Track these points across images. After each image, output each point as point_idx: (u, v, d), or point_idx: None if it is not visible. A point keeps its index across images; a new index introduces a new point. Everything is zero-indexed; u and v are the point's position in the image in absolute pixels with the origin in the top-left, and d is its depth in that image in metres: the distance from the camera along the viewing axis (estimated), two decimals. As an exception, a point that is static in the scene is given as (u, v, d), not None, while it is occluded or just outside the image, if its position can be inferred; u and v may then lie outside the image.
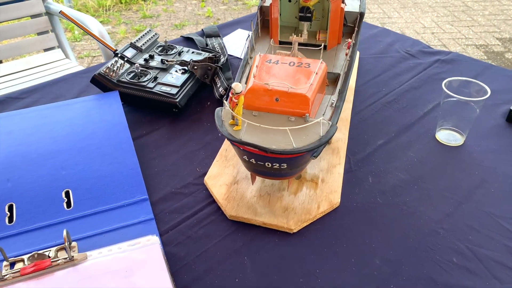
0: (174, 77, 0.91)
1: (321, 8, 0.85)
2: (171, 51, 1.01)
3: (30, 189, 0.70)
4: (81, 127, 0.82)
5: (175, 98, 0.87)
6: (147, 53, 0.98)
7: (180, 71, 0.93)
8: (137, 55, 0.97)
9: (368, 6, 3.87)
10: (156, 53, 0.99)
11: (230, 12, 3.74)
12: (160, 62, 0.94)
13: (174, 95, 0.87)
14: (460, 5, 3.85)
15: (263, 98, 0.63)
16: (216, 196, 0.69)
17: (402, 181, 0.73)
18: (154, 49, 1.01)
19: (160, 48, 1.01)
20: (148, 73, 0.91)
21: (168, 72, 0.92)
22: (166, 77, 0.91)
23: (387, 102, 0.94)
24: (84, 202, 0.68)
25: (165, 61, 0.94)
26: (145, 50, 0.99)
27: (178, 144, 0.82)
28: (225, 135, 0.59)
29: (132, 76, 0.90)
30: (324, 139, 0.58)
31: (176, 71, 0.93)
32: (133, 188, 0.69)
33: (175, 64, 0.94)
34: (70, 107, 0.87)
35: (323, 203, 0.68)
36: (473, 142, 0.82)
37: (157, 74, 0.91)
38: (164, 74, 0.92)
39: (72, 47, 3.13)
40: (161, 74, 0.92)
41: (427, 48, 1.16)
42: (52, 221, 0.65)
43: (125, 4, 3.86)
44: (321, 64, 0.68)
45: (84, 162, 0.74)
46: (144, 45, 0.99)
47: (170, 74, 0.92)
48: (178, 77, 0.91)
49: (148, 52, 0.99)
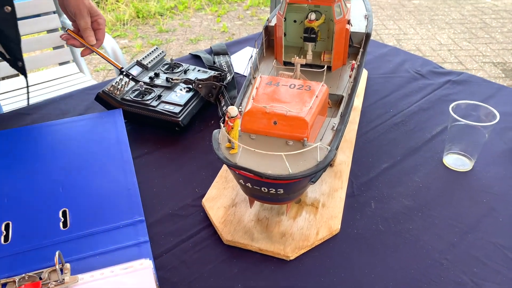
0: (178, 96, 0.91)
1: (326, 29, 0.84)
2: (177, 69, 1.01)
3: (27, 207, 0.70)
4: (82, 145, 0.82)
5: (177, 117, 0.87)
6: (153, 71, 0.98)
7: (184, 89, 0.93)
8: (142, 73, 0.97)
9: (384, 22, 3.86)
10: (162, 71, 0.99)
11: (245, 28, 3.77)
12: (165, 81, 0.94)
13: (176, 114, 0.87)
14: (478, 22, 3.81)
15: (261, 121, 0.62)
16: (213, 219, 0.68)
17: (406, 208, 0.71)
18: (160, 67, 1.01)
19: (166, 66, 1.01)
20: (153, 91, 0.91)
21: (172, 91, 0.92)
22: (170, 96, 0.91)
23: (394, 123, 0.92)
24: (81, 222, 0.67)
25: (170, 79, 0.94)
26: (151, 68, 0.99)
27: (179, 163, 0.81)
28: (221, 158, 0.58)
29: (136, 95, 0.90)
30: (321, 165, 0.57)
31: (181, 89, 0.93)
32: (130, 209, 0.69)
33: (180, 83, 0.94)
34: (72, 125, 0.87)
35: (323, 229, 0.66)
36: (482, 168, 0.79)
37: (162, 93, 0.91)
38: (169, 92, 0.92)
39: (89, 61, 3.18)
40: (165, 92, 0.92)
41: (438, 68, 1.14)
42: (48, 241, 0.65)
43: (142, 18, 3.93)
44: (322, 87, 0.66)
45: (83, 181, 0.74)
46: (150, 63, 1.00)
47: (174, 93, 0.92)
48: (182, 95, 0.91)
49: (154, 70, 0.99)
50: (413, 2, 4.33)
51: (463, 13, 4.02)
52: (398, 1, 4.37)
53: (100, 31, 0.90)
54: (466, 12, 4.05)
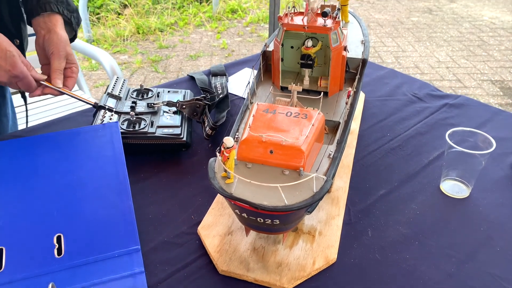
0: (169, 118, 0.91)
1: (323, 55, 0.85)
2: (146, 95, 1.00)
3: (22, 231, 0.69)
4: (78, 162, 0.80)
5: (181, 138, 0.87)
6: (127, 100, 0.97)
7: (170, 111, 0.93)
8: (119, 104, 0.95)
9: (382, 39, 3.89)
10: (137, 99, 0.97)
11: (244, 44, 3.80)
12: (146, 107, 0.93)
13: (179, 135, 0.87)
14: (476, 40, 3.84)
15: (257, 150, 0.62)
16: (209, 248, 0.67)
17: (403, 236, 0.71)
18: (130, 94, 0.99)
19: (135, 92, 1.00)
20: (143, 119, 0.90)
21: (159, 115, 0.92)
22: (161, 120, 0.90)
23: (391, 148, 0.92)
24: (76, 249, 0.67)
25: (152, 104, 0.93)
26: (124, 98, 0.98)
27: (175, 189, 0.81)
28: (216, 188, 0.58)
29: (127, 125, 0.88)
30: (317, 196, 0.57)
31: (166, 111, 0.93)
32: (126, 237, 0.68)
33: (163, 106, 0.94)
34: (67, 138, 0.84)
35: (319, 258, 0.66)
36: (479, 195, 0.79)
37: (151, 119, 0.91)
38: (157, 117, 0.91)
39: (89, 76, 3.20)
40: (154, 118, 0.91)
41: (435, 91, 1.15)
42: (42, 270, 0.64)
43: (142, 34, 3.96)
44: (319, 115, 0.67)
45: (79, 204, 0.73)
46: (121, 92, 0.98)
47: (163, 116, 0.91)
48: (173, 117, 0.91)
49: (127, 99, 0.98)
50: (411, 20, 4.37)
51: (461, 31, 4.05)
52: (396, 18, 4.42)
53: (71, 79, 0.87)
54: (464, 29, 4.09)
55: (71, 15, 0.90)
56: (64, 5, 0.89)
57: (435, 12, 4.59)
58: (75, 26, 0.92)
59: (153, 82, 3.14)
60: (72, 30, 0.92)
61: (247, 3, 4.79)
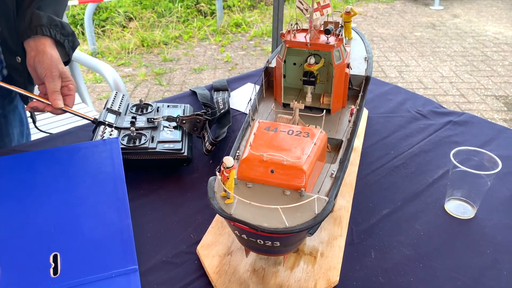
0: (170, 133, 0.90)
1: (326, 72, 0.84)
2: (146, 109, 0.99)
3: (18, 249, 0.68)
4: (77, 177, 0.79)
5: (182, 152, 0.86)
6: (127, 115, 0.96)
7: (170, 126, 0.92)
8: (119, 119, 0.94)
9: (386, 54, 3.90)
10: (137, 114, 0.97)
11: (248, 58, 3.81)
12: (146, 122, 0.93)
13: (180, 150, 0.86)
14: (479, 55, 3.84)
15: (258, 169, 0.61)
16: (208, 269, 0.66)
17: (407, 258, 0.69)
18: (129, 110, 0.99)
19: (135, 107, 0.99)
20: (143, 134, 0.89)
21: (160, 130, 0.91)
22: (162, 135, 0.90)
23: (395, 166, 0.91)
24: (72, 269, 0.65)
25: (152, 119, 0.93)
26: (123, 113, 0.97)
27: (175, 206, 0.80)
28: (216, 209, 0.56)
29: (127, 141, 0.87)
30: (319, 218, 0.55)
31: (166, 126, 0.92)
32: (124, 257, 0.67)
33: (162, 121, 0.93)
34: (67, 154, 0.84)
35: (321, 281, 0.64)
36: (485, 215, 0.77)
37: (152, 134, 0.90)
38: (157, 132, 0.90)
39: (92, 89, 3.21)
40: (154, 133, 0.90)
41: (439, 108, 1.14)
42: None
43: (146, 47, 3.99)
44: (321, 134, 0.65)
45: (76, 220, 0.72)
46: (120, 108, 0.98)
47: (163, 131, 0.91)
48: (174, 132, 0.91)
49: (126, 114, 0.97)
50: (414, 34, 4.38)
51: (464, 46, 4.06)
52: (400, 33, 4.43)
53: (70, 97, 0.87)
54: (467, 44, 4.10)
55: (64, 39, 0.89)
56: (58, 28, 0.87)
57: (438, 27, 4.60)
58: (68, 50, 0.90)
59: (157, 95, 3.15)
60: (66, 55, 0.91)
61: (251, 17, 4.82)
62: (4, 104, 1.01)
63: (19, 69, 0.92)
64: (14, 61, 0.91)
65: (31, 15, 0.86)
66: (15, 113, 1.06)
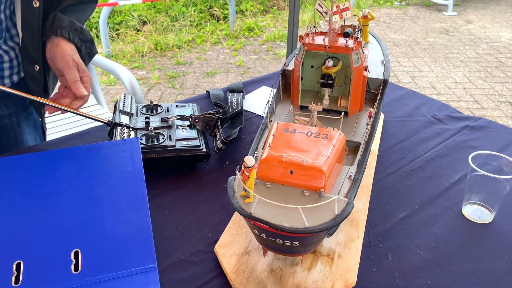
0: (185, 132, 0.92)
1: (344, 74, 0.85)
2: (156, 110, 1.01)
3: (40, 244, 0.69)
4: (98, 176, 0.80)
5: (201, 149, 0.88)
6: (140, 116, 0.98)
7: (184, 125, 0.94)
8: (132, 120, 0.95)
9: (399, 59, 3.88)
10: (149, 114, 0.98)
11: (260, 62, 3.83)
12: (160, 122, 0.95)
13: (199, 147, 0.88)
14: (494, 61, 3.81)
15: (277, 170, 0.61)
16: (225, 268, 0.66)
17: (424, 261, 0.69)
18: (140, 110, 1.00)
19: (145, 108, 1.01)
20: (160, 133, 0.91)
21: (174, 129, 0.93)
22: (178, 133, 0.91)
23: (411, 170, 0.91)
24: (92, 265, 0.66)
25: (166, 119, 0.95)
26: (136, 114, 0.98)
27: (192, 205, 0.80)
28: (236, 207, 0.57)
29: (145, 140, 0.89)
30: (339, 219, 0.56)
31: (180, 125, 0.94)
32: (143, 255, 0.67)
33: (175, 120, 0.95)
34: (88, 153, 0.85)
35: (338, 282, 0.64)
36: (503, 220, 0.77)
37: (168, 133, 0.92)
38: (173, 131, 0.92)
39: (107, 91, 3.25)
40: (170, 132, 0.92)
41: (456, 112, 1.13)
42: (59, 286, 0.64)
43: (160, 50, 4.02)
44: (340, 135, 0.66)
45: (97, 218, 0.73)
46: (132, 109, 0.99)
47: (178, 130, 0.92)
48: (189, 131, 0.93)
49: (138, 115, 0.98)
50: (427, 40, 4.36)
51: (478, 52, 4.03)
52: (413, 38, 4.42)
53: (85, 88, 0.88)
54: (481, 50, 4.07)
55: (82, 44, 0.90)
56: (78, 33, 0.89)
57: (452, 33, 4.58)
58: (84, 56, 0.92)
59: (170, 97, 3.17)
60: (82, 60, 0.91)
61: (263, 22, 4.84)
62: (18, 112, 1.03)
63: (36, 78, 0.94)
64: (32, 69, 0.93)
65: (54, 16, 0.88)
66: (29, 120, 1.07)
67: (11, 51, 0.95)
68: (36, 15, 0.87)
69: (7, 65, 0.95)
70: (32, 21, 0.87)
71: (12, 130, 1.04)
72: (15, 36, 0.94)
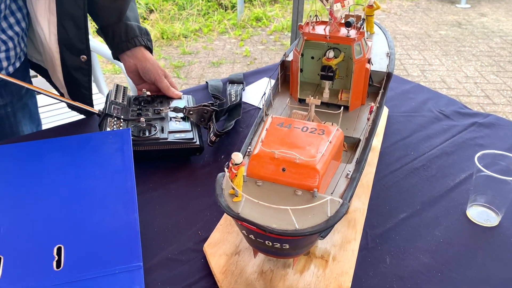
0: (179, 124, 0.89)
1: (345, 67, 0.81)
2: (150, 102, 0.97)
3: (22, 239, 0.66)
4: (85, 169, 0.77)
5: (194, 142, 0.85)
6: (132, 107, 0.94)
7: (177, 117, 0.91)
8: (124, 111, 0.92)
9: (409, 52, 3.81)
10: (141, 106, 0.95)
11: (267, 52, 3.77)
12: (153, 113, 0.91)
13: (192, 139, 0.85)
14: (507, 55, 3.72)
15: (269, 167, 0.58)
16: (214, 268, 0.63)
17: (424, 266, 0.65)
18: (132, 101, 0.96)
19: (137, 99, 0.97)
20: (152, 125, 0.87)
21: (167, 121, 0.89)
22: (171, 125, 0.88)
23: (415, 168, 0.86)
24: (75, 263, 0.63)
25: (159, 110, 0.91)
26: (127, 105, 0.95)
27: (183, 201, 0.77)
28: (223, 206, 0.54)
29: (137, 132, 0.86)
30: (332, 221, 0.52)
31: (174, 117, 0.91)
32: (129, 253, 0.64)
33: (169, 112, 0.92)
34: (77, 143, 0.82)
35: (332, 286, 0.61)
36: (510, 224, 0.73)
37: (161, 125, 0.88)
38: (165, 123, 0.89)
39: (111, 79, 3.22)
40: (163, 124, 0.89)
41: (464, 108, 1.08)
42: (39, 283, 0.61)
43: (166, 39, 3.98)
44: (337, 131, 0.62)
45: (82, 212, 0.70)
46: (124, 100, 0.96)
47: (171, 122, 0.89)
48: (182, 123, 0.89)
49: (130, 106, 0.95)
50: (439, 33, 4.27)
51: (491, 46, 3.93)
52: (424, 31, 4.33)
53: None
54: (494, 44, 3.97)
55: (150, 42, 1.00)
56: (145, 35, 0.99)
57: (464, 26, 4.48)
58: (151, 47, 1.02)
59: (174, 87, 3.13)
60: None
61: (272, 11, 4.77)
62: (13, 102, 1.01)
63: (84, 68, 0.96)
64: (79, 60, 0.94)
65: (125, 28, 0.96)
66: (25, 110, 1.06)
67: (9, 41, 0.91)
68: (82, 7, 0.89)
69: (3, 55, 0.91)
70: (77, 14, 0.89)
71: (7, 121, 1.02)
72: (14, 25, 0.91)
